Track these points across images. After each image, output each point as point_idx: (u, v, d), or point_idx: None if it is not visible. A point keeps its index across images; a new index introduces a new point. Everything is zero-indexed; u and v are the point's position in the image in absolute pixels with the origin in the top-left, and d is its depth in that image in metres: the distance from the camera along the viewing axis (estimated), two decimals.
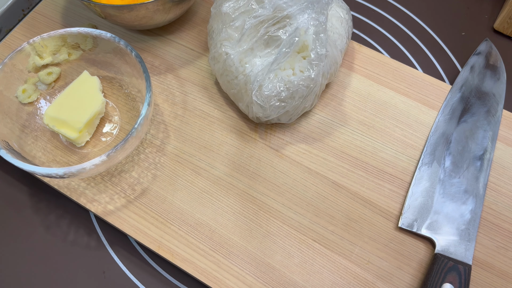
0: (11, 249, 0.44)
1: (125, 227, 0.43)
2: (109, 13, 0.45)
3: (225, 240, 0.42)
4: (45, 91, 0.47)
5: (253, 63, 0.42)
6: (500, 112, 0.47)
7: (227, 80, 0.45)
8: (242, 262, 0.42)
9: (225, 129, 0.48)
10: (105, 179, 0.45)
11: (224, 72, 0.45)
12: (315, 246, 0.42)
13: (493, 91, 0.48)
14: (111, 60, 0.47)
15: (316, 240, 0.42)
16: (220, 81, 0.46)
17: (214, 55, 0.45)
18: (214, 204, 0.44)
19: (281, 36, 0.41)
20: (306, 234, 0.43)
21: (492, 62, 0.50)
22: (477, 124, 0.46)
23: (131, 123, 0.48)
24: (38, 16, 0.55)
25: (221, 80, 0.46)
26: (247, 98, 0.44)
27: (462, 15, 0.57)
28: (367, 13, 0.58)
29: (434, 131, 0.46)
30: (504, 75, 0.49)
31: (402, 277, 0.41)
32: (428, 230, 0.42)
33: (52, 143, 0.46)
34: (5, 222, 0.46)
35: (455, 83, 0.49)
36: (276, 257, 0.42)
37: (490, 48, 0.51)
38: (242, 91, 0.44)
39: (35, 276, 0.43)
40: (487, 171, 0.44)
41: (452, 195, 0.43)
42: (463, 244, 0.41)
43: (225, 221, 0.43)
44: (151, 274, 0.43)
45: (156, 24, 0.50)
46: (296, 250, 0.42)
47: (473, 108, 0.47)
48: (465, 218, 0.42)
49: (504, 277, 0.41)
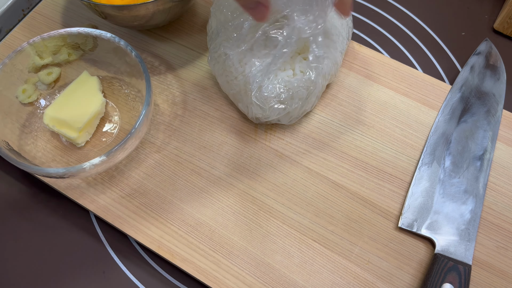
0: (11, 249, 0.44)
1: (125, 227, 0.43)
2: (109, 13, 0.45)
3: (225, 240, 0.42)
4: (45, 91, 0.47)
5: (252, 64, 0.42)
6: (500, 112, 0.47)
7: (226, 80, 0.45)
8: (242, 262, 0.42)
9: (225, 129, 0.48)
10: (105, 179, 0.45)
11: (224, 72, 0.45)
12: (315, 246, 0.42)
13: (493, 91, 0.48)
14: (111, 60, 0.47)
15: (316, 240, 0.42)
16: (220, 81, 0.46)
17: (214, 55, 0.45)
18: (214, 204, 0.44)
19: (279, 37, 0.41)
20: (306, 234, 0.43)
21: (492, 62, 0.50)
22: (477, 124, 0.46)
23: (131, 123, 0.48)
24: (38, 16, 0.55)
25: (220, 80, 0.46)
26: (247, 99, 0.43)
27: (462, 15, 0.57)
28: (367, 13, 0.58)
29: (434, 131, 0.46)
30: (504, 75, 0.49)
31: (402, 277, 0.41)
32: (428, 230, 0.42)
33: (52, 143, 0.46)
34: (5, 222, 0.46)
35: (455, 83, 0.49)
36: (276, 257, 0.42)
37: (490, 48, 0.51)
38: (241, 92, 0.44)
39: (35, 276, 0.43)
40: (487, 171, 0.44)
41: (452, 195, 0.43)
42: (463, 244, 0.41)
43: (225, 221, 0.43)
44: (151, 274, 0.43)
45: (156, 24, 0.50)
46: (296, 250, 0.42)
47: (473, 108, 0.47)
48: (465, 218, 0.42)
49: (504, 277, 0.41)
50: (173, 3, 0.46)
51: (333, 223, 0.43)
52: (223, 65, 0.44)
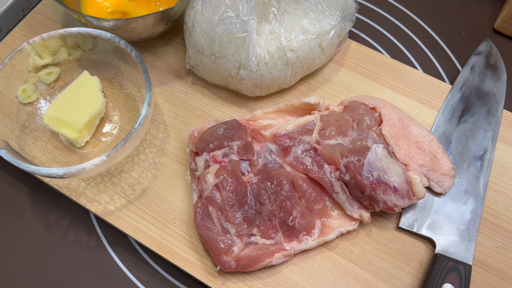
0: (11, 249, 0.44)
1: (125, 227, 0.43)
2: (98, 26, 0.45)
3: None
4: (45, 91, 0.47)
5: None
6: (501, 112, 0.47)
7: (210, 61, 0.46)
8: None
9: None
10: (105, 179, 0.45)
11: (203, 50, 0.45)
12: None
13: (494, 91, 0.48)
14: (111, 60, 0.47)
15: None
16: (207, 73, 0.47)
17: (195, 42, 0.46)
18: None
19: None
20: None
21: (493, 62, 0.50)
22: (478, 124, 0.46)
23: (131, 123, 0.48)
24: (38, 16, 0.55)
25: (206, 71, 0.47)
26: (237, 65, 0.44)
27: (462, 15, 0.57)
28: (367, 13, 0.58)
29: (434, 131, 0.46)
30: (504, 75, 0.49)
31: (402, 277, 0.41)
32: (428, 230, 0.42)
33: (52, 143, 0.46)
34: (5, 222, 0.46)
35: (456, 83, 0.49)
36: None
37: (491, 48, 0.51)
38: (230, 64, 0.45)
39: (35, 276, 0.43)
40: (487, 171, 0.44)
41: (452, 195, 0.43)
42: (464, 244, 0.41)
43: None
44: (151, 274, 0.43)
45: (145, 38, 0.49)
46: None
47: (474, 108, 0.47)
48: (465, 218, 0.42)
49: (504, 277, 0.41)
50: (162, 22, 0.46)
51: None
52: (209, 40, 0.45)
